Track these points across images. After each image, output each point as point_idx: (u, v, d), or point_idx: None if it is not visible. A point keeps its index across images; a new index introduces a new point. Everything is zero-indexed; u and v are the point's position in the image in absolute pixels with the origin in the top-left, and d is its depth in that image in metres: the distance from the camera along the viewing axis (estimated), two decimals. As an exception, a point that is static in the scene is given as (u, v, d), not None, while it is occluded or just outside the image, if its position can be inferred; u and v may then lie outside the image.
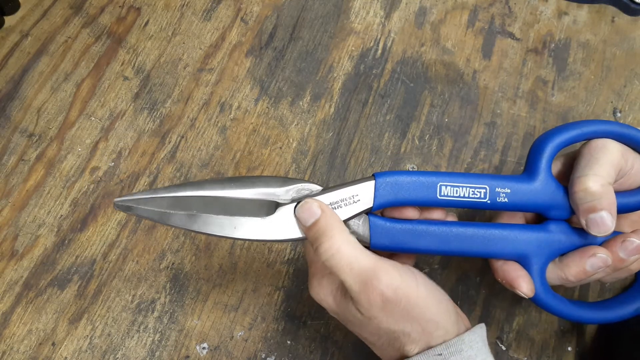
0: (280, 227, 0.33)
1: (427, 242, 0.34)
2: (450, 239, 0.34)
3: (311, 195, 0.34)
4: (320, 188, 0.34)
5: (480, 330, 0.33)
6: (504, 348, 0.42)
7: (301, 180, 0.34)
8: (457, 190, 0.34)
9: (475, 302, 0.44)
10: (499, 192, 0.34)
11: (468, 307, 0.43)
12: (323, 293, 0.33)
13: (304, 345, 0.42)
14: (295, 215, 0.33)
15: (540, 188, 0.34)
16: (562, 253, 0.35)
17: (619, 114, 0.51)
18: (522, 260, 0.35)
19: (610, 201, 0.33)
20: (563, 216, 0.35)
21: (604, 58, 0.54)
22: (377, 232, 0.34)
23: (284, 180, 0.34)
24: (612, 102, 0.51)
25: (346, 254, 0.31)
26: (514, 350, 0.42)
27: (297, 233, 0.34)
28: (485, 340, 0.33)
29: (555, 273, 0.34)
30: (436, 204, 0.34)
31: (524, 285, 0.34)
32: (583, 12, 0.56)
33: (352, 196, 0.34)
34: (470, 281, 0.44)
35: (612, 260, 0.33)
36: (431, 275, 0.44)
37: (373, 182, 0.34)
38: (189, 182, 0.34)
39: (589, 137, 0.35)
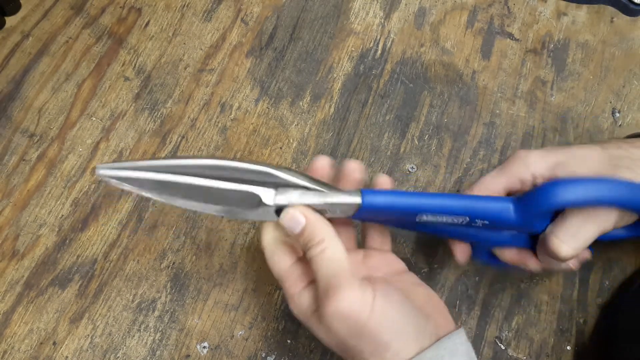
0: (261, 218, 0.34)
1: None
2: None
3: (294, 194, 0.33)
4: (303, 184, 0.33)
5: (450, 341, 0.32)
6: (503, 347, 0.42)
7: (287, 170, 0.33)
8: (437, 218, 0.34)
9: (475, 301, 0.44)
10: (477, 222, 0.35)
11: (467, 306, 0.44)
12: (297, 312, 0.34)
13: (304, 345, 0.42)
14: (281, 223, 0.33)
15: (523, 223, 0.35)
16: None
17: (617, 114, 0.51)
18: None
19: (575, 259, 0.36)
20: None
21: (603, 58, 0.54)
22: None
23: (270, 171, 0.33)
24: (610, 102, 0.52)
25: (326, 255, 0.32)
26: (513, 349, 0.42)
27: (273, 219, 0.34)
28: (460, 349, 0.32)
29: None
30: (414, 228, 0.36)
31: (532, 263, 0.38)
32: (582, 13, 0.56)
33: (333, 210, 0.34)
34: (469, 281, 0.45)
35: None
36: (430, 274, 0.45)
37: (359, 201, 0.33)
38: (175, 158, 0.33)
39: (612, 204, 0.33)
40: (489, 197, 0.36)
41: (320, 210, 0.34)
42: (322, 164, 0.36)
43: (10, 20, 0.53)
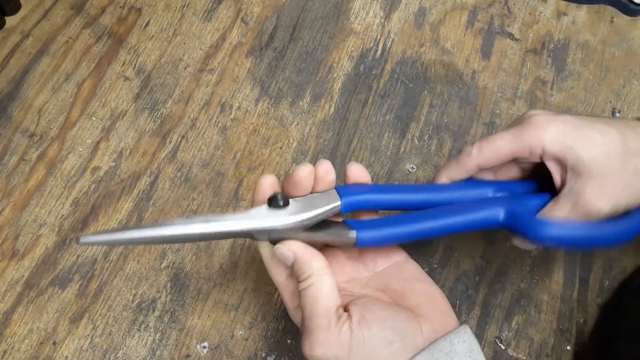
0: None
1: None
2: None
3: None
4: (282, 224, 0.33)
5: (446, 342, 0.32)
6: (503, 347, 0.42)
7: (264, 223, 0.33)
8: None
9: (475, 301, 0.44)
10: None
11: (467, 306, 0.44)
12: (296, 323, 0.34)
13: (304, 345, 0.42)
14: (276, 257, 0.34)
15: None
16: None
17: (617, 114, 0.51)
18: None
19: None
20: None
21: (603, 58, 0.54)
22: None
23: (246, 223, 0.33)
24: (610, 102, 0.52)
25: (309, 293, 0.32)
26: (513, 349, 0.42)
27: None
28: (459, 349, 0.32)
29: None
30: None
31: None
32: (582, 13, 0.56)
33: (318, 219, 0.34)
34: (469, 281, 0.45)
35: None
36: (430, 274, 0.45)
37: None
38: (156, 225, 0.32)
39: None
40: (478, 206, 0.36)
41: (313, 226, 0.34)
42: (304, 175, 0.34)
43: (10, 20, 0.53)
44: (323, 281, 0.32)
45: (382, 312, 0.32)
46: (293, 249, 0.33)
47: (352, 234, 0.34)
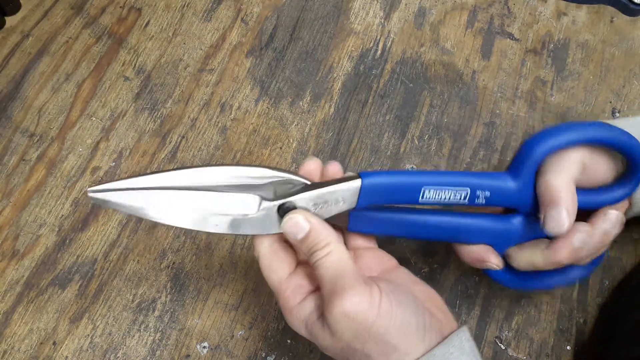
0: (262, 223, 0.33)
1: (403, 230, 0.37)
2: (425, 228, 0.36)
3: (294, 190, 0.33)
4: (303, 182, 0.34)
5: (457, 338, 0.32)
6: (503, 347, 0.42)
7: (284, 170, 0.34)
8: (439, 194, 0.35)
9: (475, 301, 0.44)
10: (479, 195, 0.35)
11: (467, 306, 0.44)
12: (297, 324, 0.34)
13: (304, 344, 0.42)
14: (283, 229, 0.33)
15: (521, 192, 0.35)
16: (521, 242, 0.37)
17: (617, 114, 0.51)
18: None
19: (571, 200, 0.34)
20: (534, 213, 0.36)
21: (602, 58, 0.54)
22: (356, 219, 0.36)
23: (267, 171, 0.33)
24: (610, 102, 0.52)
25: (331, 258, 0.32)
26: (513, 349, 0.42)
27: (278, 229, 0.34)
28: (466, 346, 0.32)
29: (544, 259, 0.36)
30: (418, 204, 0.35)
31: (493, 259, 0.37)
32: (582, 13, 0.56)
33: (336, 199, 0.34)
34: (469, 280, 0.45)
35: (596, 235, 0.35)
36: (431, 274, 0.45)
37: (359, 183, 0.34)
38: (170, 169, 0.32)
39: (582, 143, 0.35)
40: (486, 172, 0.37)
41: (320, 213, 0.34)
42: (314, 167, 0.35)
43: (10, 20, 0.53)
44: (341, 248, 0.32)
45: (405, 294, 0.33)
46: (309, 219, 0.32)
47: (357, 179, 0.34)
